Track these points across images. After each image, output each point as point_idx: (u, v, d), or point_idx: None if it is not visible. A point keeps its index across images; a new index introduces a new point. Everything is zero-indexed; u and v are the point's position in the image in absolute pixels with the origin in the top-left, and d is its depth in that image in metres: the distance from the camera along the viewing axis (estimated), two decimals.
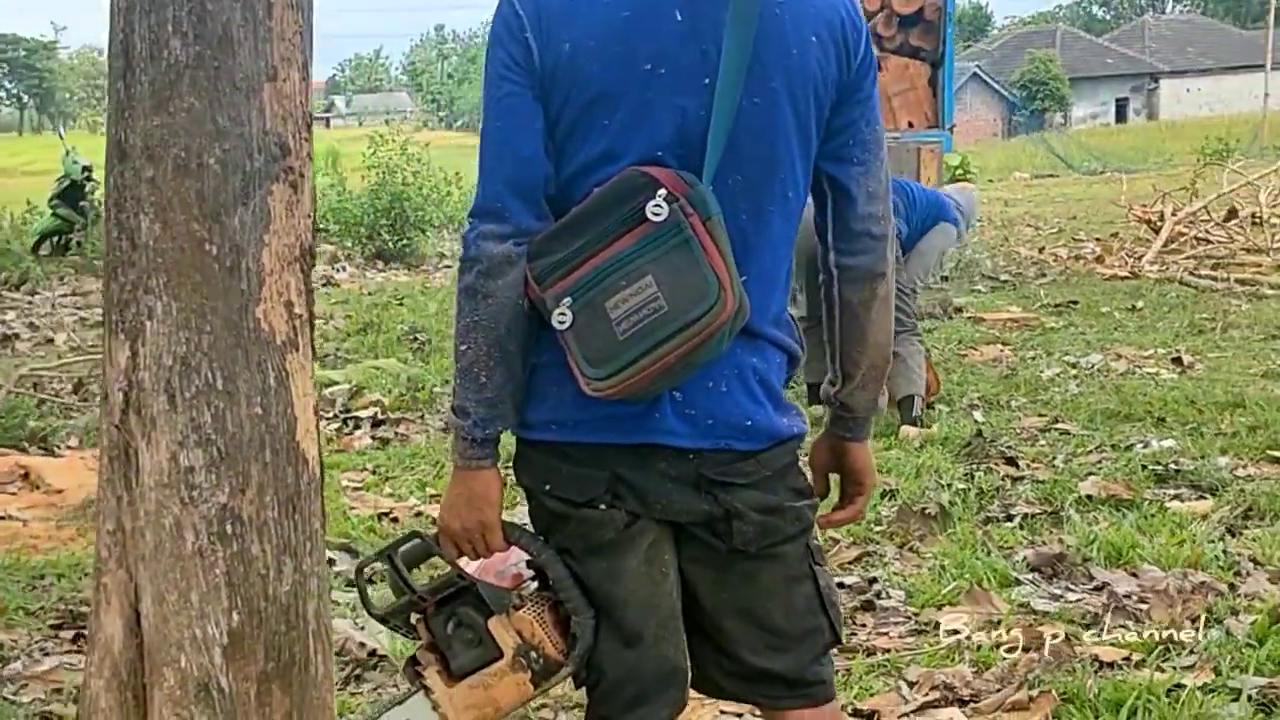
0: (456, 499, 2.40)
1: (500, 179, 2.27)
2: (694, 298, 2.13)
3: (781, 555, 2.43)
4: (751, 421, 2.33)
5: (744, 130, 2.22)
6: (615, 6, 2.20)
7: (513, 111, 2.25)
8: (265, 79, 2.76)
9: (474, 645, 2.45)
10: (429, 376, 8.34)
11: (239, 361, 2.77)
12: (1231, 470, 6.07)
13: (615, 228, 2.18)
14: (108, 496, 2.86)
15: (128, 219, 2.75)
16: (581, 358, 2.20)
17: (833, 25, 2.29)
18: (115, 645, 2.86)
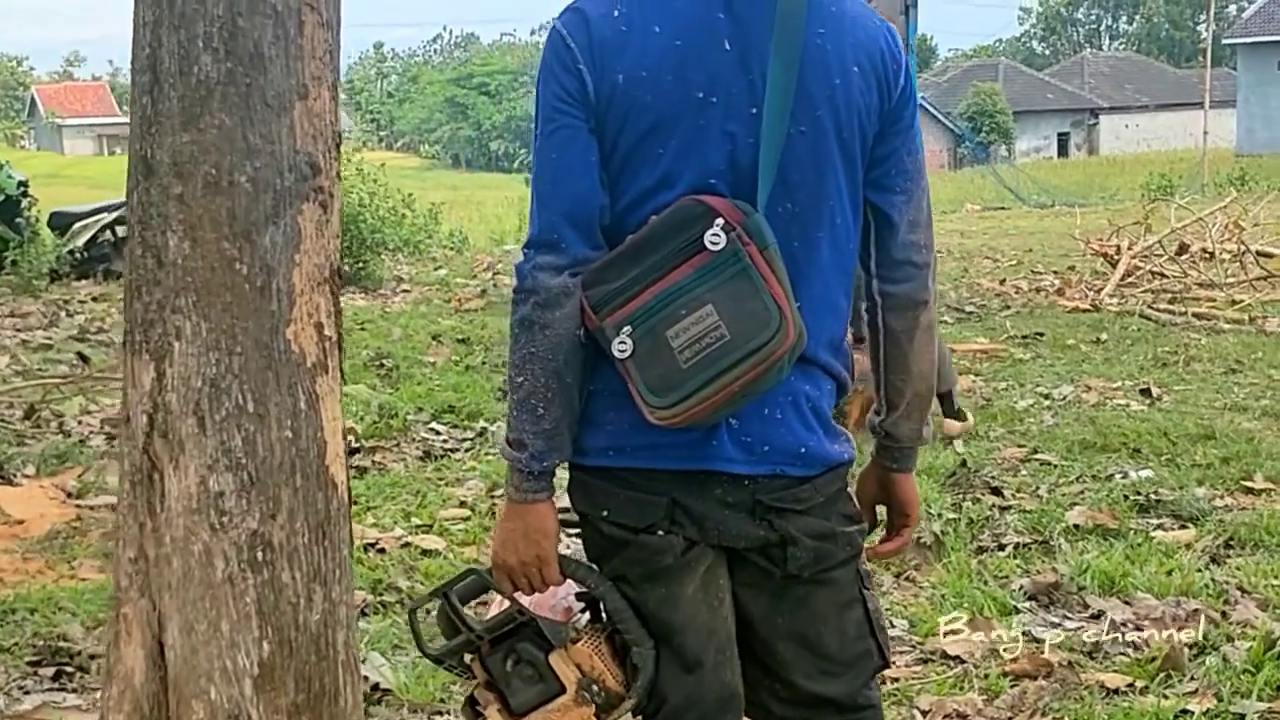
0: (512, 533, 2.40)
1: (556, 210, 2.28)
2: (756, 326, 2.15)
3: (833, 580, 2.44)
4: (805, 448, 2.35)
5: (792, 159, 2.25)
6: (667, 36, 2.23)
7: (567, 144, 2.27)
8: (296, 97, 2.75)
9: (535, 681, 2.44)
10: (400, 403, 8.28)
11: (270, 384, 2.74)
12: (1210, 500, 6.14)
13: (673, 257, 2.20)
14: (129, 523, 2.81)
15: (153, 236, 2.72)
16: (644, 386, 2.21)
17: (873, 56, 2.32)
18: (136, 678, 2.81)
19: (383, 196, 16.69)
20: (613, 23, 2.24)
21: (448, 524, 5.94)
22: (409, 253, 18.04)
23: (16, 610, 4.83)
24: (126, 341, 2.80)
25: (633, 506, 2.35)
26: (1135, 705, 3.86)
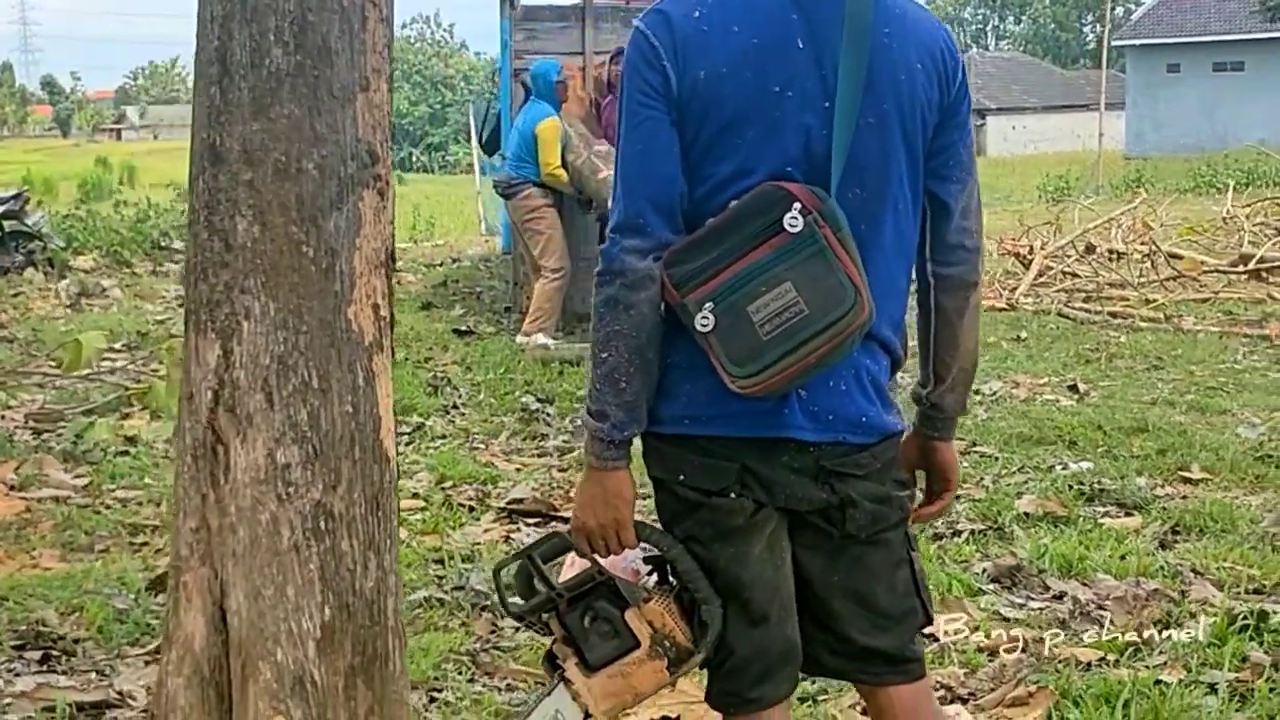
0: (592, 498, 2.66)
1: (642, 197, 2.54)
2: (833, 302, 2.44)
3: (886, 541, 2.74)
4: (865, 418, 2.65)
5: (861, 148, 2.54)
6: (745, 36, 2.51)
7: (652, 135, 2.54)
8: (359, 89, 3.01)
9: (610, 637, 2.70)
10: None
11: (332, 361, 3.00)
12: (1151, 490, 6.55)
13: (753, 238, 2.48)
14: (190, 495, 3.06)
15: (221, 221, 2.96)
16: (726, 358, 2.48)
17: (934, 54, 2.63)
18: (196, 642, 3.05)
19: None
20: (694, 23, 2.52)
21: (406, 515, 6.18)
22: None
23: None
24: (189, 321, 3.04)
25: (707, 471, 2.61)
26: (1110, 676, 4.21)
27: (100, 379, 9.05)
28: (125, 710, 4.16)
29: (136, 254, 17.07)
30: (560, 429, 8.22)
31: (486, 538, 5.97)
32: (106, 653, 4.60)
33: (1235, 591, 5.03)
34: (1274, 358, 10.62)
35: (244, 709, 2.98)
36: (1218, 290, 14.30)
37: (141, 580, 5.20)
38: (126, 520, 6.10)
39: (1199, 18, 51.67)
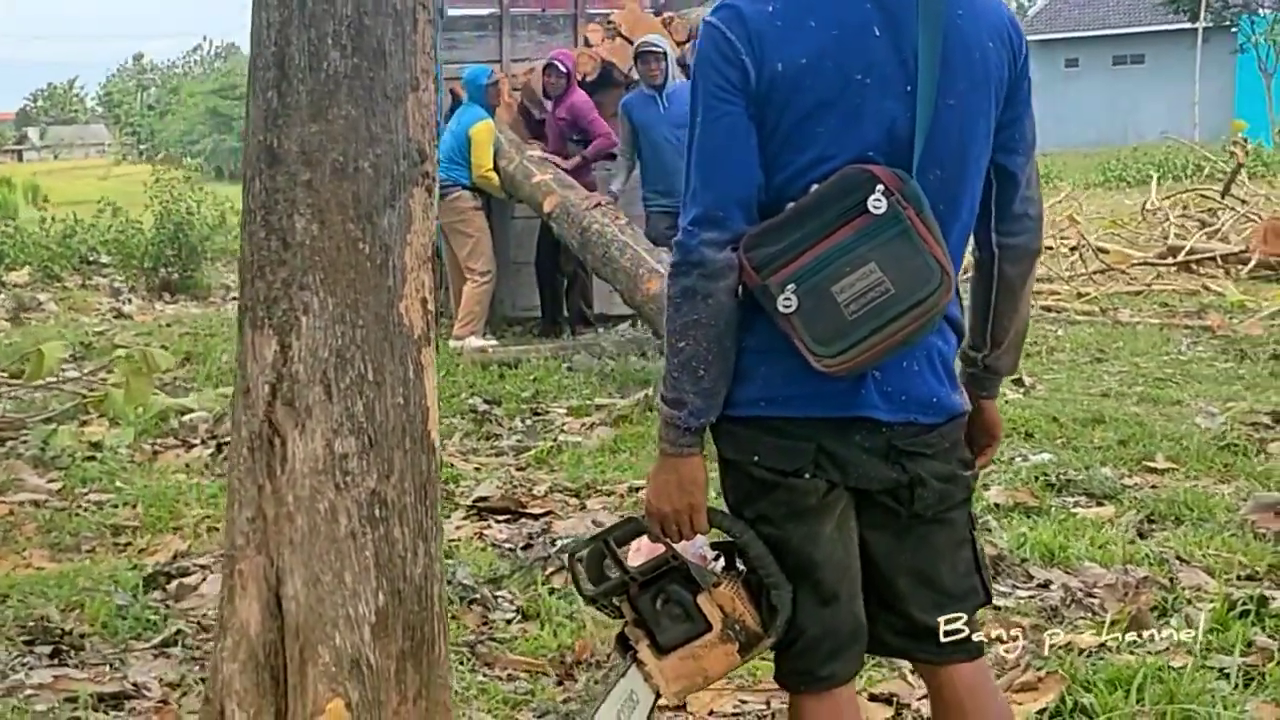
0: (667, 484, 2.75)
1: (722, 190, 2.66)
2: (919, 281, 2.57)
3: (951, 520, 2.87)
4: (936, 398, 2.78)
5: (940, 130, 2.66)
6: (822, 28, 2.63)
7: (731, 129, 2.65)
8: (410, 89, 3.16)
9: (682, 620, 2.81)
10: None
11: (386, 354, 3.15)
12: (1119, 480, 6.76)
13: (835, 220, 2.60)
14: (246, 486, 3.19)
15: (279, 220, 3.10)
16: (810, 338, 2.60)
17: (1001, 32, 2.78)
18: (252, 628, 3.19)
19: (212, 205, 16.87)
20: (768, 18, 2.64)
21: None
22: (227, 260, 18.16)
23: None
24: (245, 318, 3.18)
25: (782, 452, 2.72)
26: (1114, 662, 4.39)
27: (55, 388, 9.08)
28: (142, 700, 4.27)
29: (66, 268, 17.04)
30: (511, 429, 8.35)
31: (460, 534, 6.08)
32: (113, 647, 4.70)
33: (1227, 578, 5.22)
34: (1218, 348, 10.91)
35: (302, 692, 3.12)
36: (1149, 282, 14.62)
37: (132, 579, 5.30)
38: (107, 522, 6.20)
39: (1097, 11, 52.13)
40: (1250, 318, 12.15)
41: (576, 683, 4.39)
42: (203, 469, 7.28)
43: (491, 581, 5.21)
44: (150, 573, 5.37)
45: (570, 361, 10.13)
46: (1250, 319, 12.07)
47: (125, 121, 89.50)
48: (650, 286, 8.95)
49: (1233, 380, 9.63)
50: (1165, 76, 48.11)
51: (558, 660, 4.53)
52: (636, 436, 7.75)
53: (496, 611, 4.93)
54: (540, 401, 9.01)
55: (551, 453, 7.45)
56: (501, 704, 4.20)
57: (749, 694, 4.30)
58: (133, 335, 12.13)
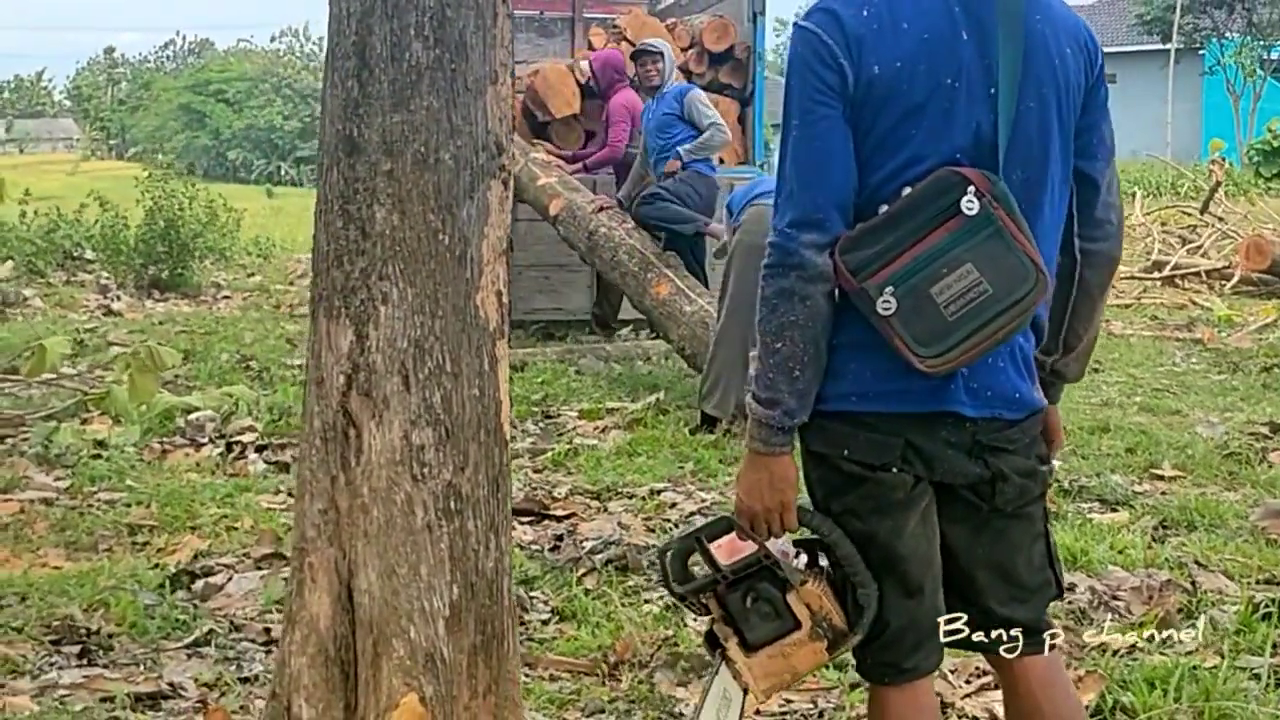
0: (758, 482, 2.75)
1: (821, 194, 2.67)
2: (1016, 280, 2.61)
3: (1029, 514, 2.89)
4: (1018, 394, 2.80)
5: (1021, 132, 2.71)
6: (915, 30, 2.67)
7: (828, 133, 2.67)
8: (489, 82, 3.15)
9: (771, 618, 2.82)
10: (289, 402, 8.53)
11: (463, 346, 3.14)
12: (1129, 487, 6.82)
13: (929, 223, 2.63)
14: (318, 477, 3.17)
15: (358, 210, 3.09)
16: (911, 339, 2.62)
17: (1079, 40, 2.82)
18: (321, 622, 3.17)
19: (203, 202, 16.75)
20: (864, 21, 2.66)
21: None
22: (215, 258, 18.08)
23: (4, 596, 5.04)
24: (320, 308, 3.16)
25: (872, 447, 2.75)
26: (1146, 662, 4.44)
27: (55, 385, 9.01)
28: (179, 701, 4.23)
29: (50, 264, 16.92)
30: (525, 432, 8.33)
31: None
32: (143, 647, 4.66)
33: (1246, 581, 5.28)
34: (1211, 360, 11.09)
35: (376, 686, 3.10)
36: (1138, 296, 14.79)
37: (155, 578, 5.26)
38: (122, 521, 6.14)
39: None
40: (1238, 331, 12.31)
41: (621, 683, 4.37)
42: (214, 468, 7.23)
43: (524, 583, 5.18)
44: (174, 572, 5.32)
45: (577, 365, 10.12)
46: (1238, 333, 12.25)
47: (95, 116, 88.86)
48: (659, 290, 8.95)
49: (1227, 392, 9.78)
50: (1136, 97, 48.36)
51: (600, 660, 4.51)
52: (652, 440, 7.76)
53: (532, 613, 4.91)
54: (550, 404, 9.01)
55: (568, 455, 7.44)
56: (549, 703, 4.18)
57: (794, 694, 4.28)
58: (126, 333, 12.07)
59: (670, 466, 7.20)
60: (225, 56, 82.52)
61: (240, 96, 67.26)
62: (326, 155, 3.15)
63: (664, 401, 8.70)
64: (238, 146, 65.33)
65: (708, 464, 7.24)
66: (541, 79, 11.79)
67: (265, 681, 4.32)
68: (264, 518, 6.16)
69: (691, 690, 4.30)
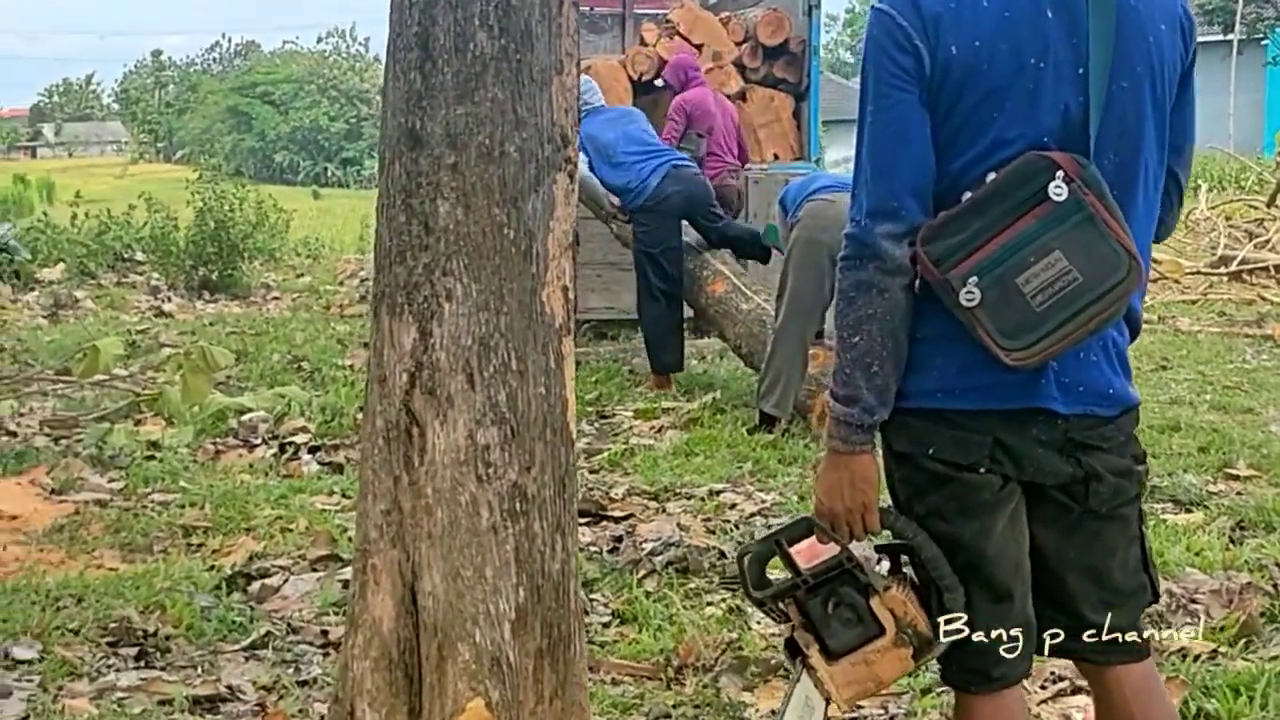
0: (839, 483, 2.68)
1: (897, 182, 2.59)
2: (1108, 269, 2.52)
3: (1124, 516, 2.79)
4: (1112, 389, 2.71)
5: (1113, 114, 2.61)
6: (995, 9, 2.58)
7: (905, 119, 2.59)
8: (555, 72, 3.12)
9: (854, 624, 2.73)
10: (340, 403, 8.53)
11: (529, 343, 3.10)
12: (1203, 487, 6.71)
13: (1016, 209, 2.54)
14: (380, 478, 3.14)
15: (422, 204, 3.05)
16: (996, 331, 2.54)
17: (1174, 17, 2.71)
18: (385, 625, 3.14)
19: (252, 204, 16.82)
20: (940, 1, 2.59)
21: None
22: (264, 259, 18.16)
23: (61, 598, 5.04)
24: (382, 304, 3.13)
25: (958, 445, 2.65)
26: (1229, 668, 4.35)
27: (108, 386, 9.05)
28: (237, 704, 4.22)
29: (101, 266, 17.03)
30: (580, 432, 8.27)
31: None
32: (200, 649, 4.65)
33: None
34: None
35: (440, 690, 3.06)
36: (1204, 291, 14.61)
37: (211, 580, 5.25)
38: (176, 522, 6.14)
39: None
40: None
41: (685, 687, 4.33)
42: (267, 470, 7.24)
43: (584, 585, 5.13)
44: (229, 574, 5.32)
45: (630, 364, 10.08)
46: None
47: (142, 119, 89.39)
48: (715, 288, 8.91)
49: None
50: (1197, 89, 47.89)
51: (662, 664, 4.47)
52: (709, 440, 7.71)
53: (592, 615, 4.87)
54: (605, 404, 8.98)
55: (624, 455, 7.40)
56: (611, 707, 4.14)
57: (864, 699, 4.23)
58: (177, 334, 12.12)
59: (729, 466, 7.14)
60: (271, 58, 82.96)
61: (286, 98, 67.61)
62: (388, 149, 3.12)
63: (720, 400, 8.64)
64: (284, 148, 65.69)
65: (767, 464, 7.18)
66: (594, 75, 11.75)
67: (324, 684, 4.32)
68: (318, 519, 6.15)
69: (758, 695, 4.26)
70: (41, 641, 4.60)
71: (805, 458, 7.28)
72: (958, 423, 2.66)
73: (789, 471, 7.02)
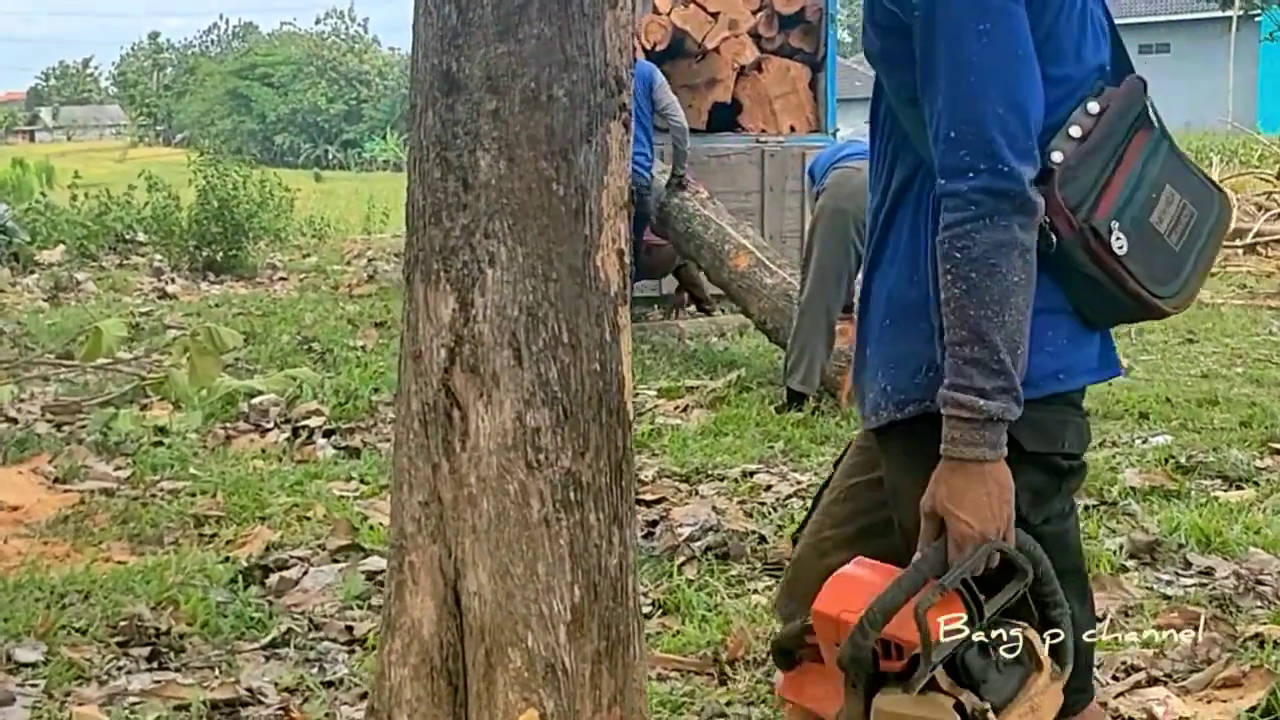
0: (988, 499, 2.11)
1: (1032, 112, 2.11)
2: (1206, 199, 2.23)
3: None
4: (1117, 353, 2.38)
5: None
6: None
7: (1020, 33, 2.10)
8: (608, 6, 2.73)
9: (1010, 666, 2.18)
10: (354, 384, 8.17)
11: (582, 313, 2.73)
12: (1250, 462, 6.35)
13: (1124, 140, 2.18)
14: (417, 465, 2.78)
15: (459, 157, 2.68)
16: (1149, 279, 2.16)
17: None
18: (425, 628, 2.78)
19: (255, 182, 16.39)
20: None
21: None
22: (269, 240, 17.74)
23: (67, 594, 4.68)
24: (416, 271, 2.76)
25: (1079, 433, 2.26)
26: None
27: (111, 370, 8.67)
28: (259, 708, 3.87)
29: (102, 247, 16.63)
30: None
31: None
32: (217, 648, 4.29)
33: None
34: None
35: (490, 700, 2.71)
36: (1222, 264, 14.32)
37: (225, 573, 4.89)
38: (187, 512, 5.76)
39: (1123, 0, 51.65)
40: None
41: (738, 683, 3.97)
42: (280, 454, 6.86)
43: None
44: (245, 567, 4.95)
45: (650, 342, 9.71)
46: None
47: (141, 102, 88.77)
48: (738, 263, 8.52)
49: None
50: (1191, 66, 47.57)
51: (710, 659, 4.11)
52: (736, 419, 7.35)
53: None
54: None
55: (652, 436, 7.02)
56: (661, 706, 3.78)
57: None
58: (181, 316, 11.74)
59: (759, 447, 6.78)
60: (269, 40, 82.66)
61: (285, 80, 67.33)
62: (420, 96, 2.74)
63: (745, 378, 8.28)
64: (284, 130, 65.42)
65: (798, 443, 6.82)
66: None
67: (350, 686, 3.97)
68: (336, 506, 5.78)
69: None
70: (46, 642, 4.23)
71: (838, 436, 6.91)
72: (1077, 405, 2.27)
73: (822, 451, 6.65)
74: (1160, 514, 5.52)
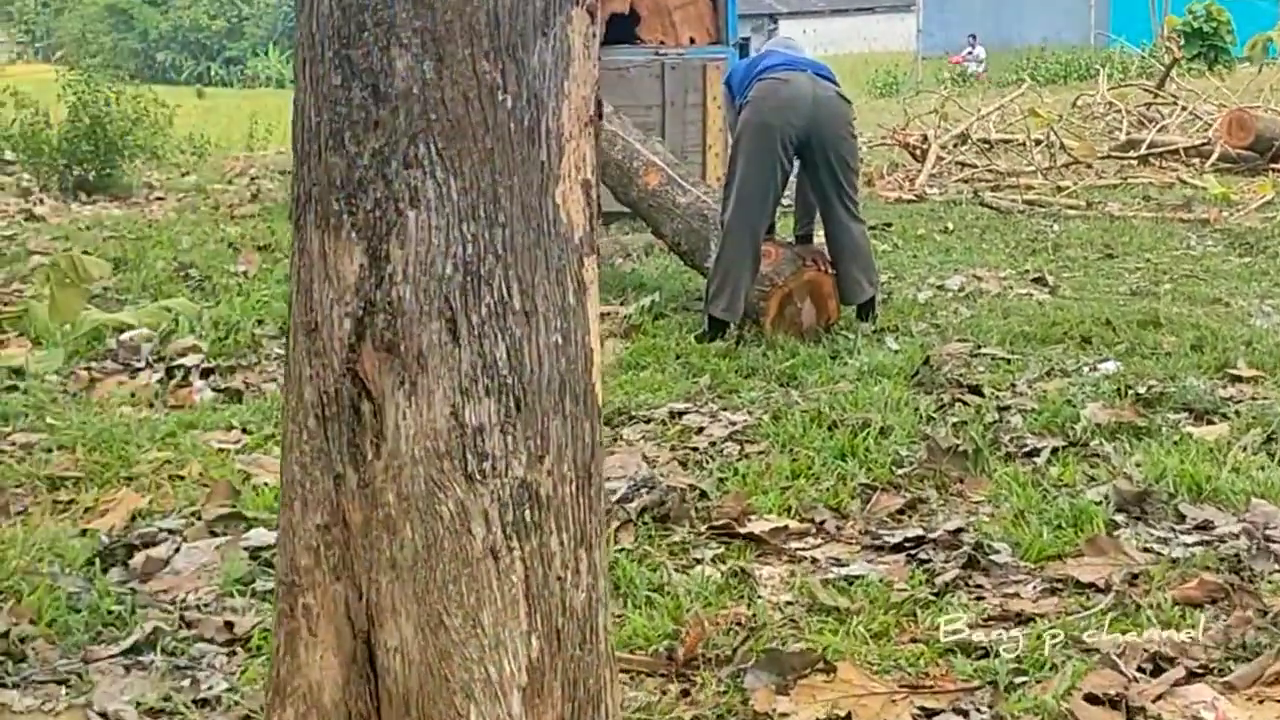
0: None
1: None
2: None
3: None
4: None
5: None
6: None
7: None
8: None
9: None
10: (236, 317, 7.29)
11: (538, 268, 1.96)
12: (1212, 392, 5.72)
13: None
14: (313, 476, 2.00)
15: (367, 56, 1.89)
16: None
17: None
18: (327, 696, 2.03)
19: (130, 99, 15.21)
20: None
21: None
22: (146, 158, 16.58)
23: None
24: (307, 215, 1.96)
25: None
26: None
27: None
28: None
29: None
30: None
31: None
32: (66, 655, 3.47)
33: None
34: (1225, 242, 10.14)
35: None
36: (1119, 175, 13.89)
37: (82, 550, 4.05)
38: (40, 472, 4.88)
39: None
40: (1239, 210, 11.31)
41: (700, 689, 3.23)
42: (152, 399, 5.98)
43: None
44: (106, 544, 4.12)
45: None
46: (1242, 211, 11.24)
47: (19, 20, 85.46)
48: (648, 180, 7.72)
49: (1257, 276, 8.83)
50: None
51: (663, 657, 3.37)
52: (656, 350, 6.58)
53: None
54: None
55: None
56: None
57: (926, 697, 3.20)
58: (49, 239, 10.72)
59: (684, 382, 6.03)
60: None
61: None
62: None
63: (660, 304, 7.52)
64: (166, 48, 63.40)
65: (725, 377, 6.07)
66: None
67: (229, 706, 3.20)
68: (214, 462, 4.96)
69: (796, 699, 3.19)
70: None
71: (765, 368, 6.19)
72: None
73: (752, 385, 5.93)
74: (1135, 455, 4.86)
